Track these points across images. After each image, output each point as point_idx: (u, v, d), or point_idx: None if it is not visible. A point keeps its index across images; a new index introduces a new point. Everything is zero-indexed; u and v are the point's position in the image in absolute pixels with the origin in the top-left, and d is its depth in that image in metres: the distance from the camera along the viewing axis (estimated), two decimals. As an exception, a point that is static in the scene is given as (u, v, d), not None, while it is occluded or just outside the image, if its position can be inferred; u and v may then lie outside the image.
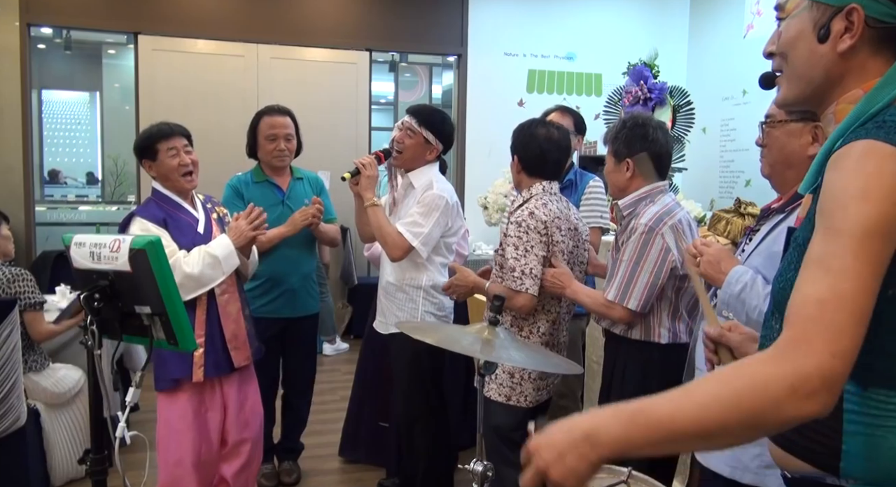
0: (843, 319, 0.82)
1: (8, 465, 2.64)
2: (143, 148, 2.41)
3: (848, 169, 0.87)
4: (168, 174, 2.40)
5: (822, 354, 0.80)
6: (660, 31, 6.03)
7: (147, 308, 1.67)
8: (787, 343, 0.83)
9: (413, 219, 2.50)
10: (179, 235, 2.34)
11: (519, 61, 6.02)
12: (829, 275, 0.84)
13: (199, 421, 2.41)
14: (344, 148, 5.55)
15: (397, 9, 5.80)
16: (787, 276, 1.00)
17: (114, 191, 8.19)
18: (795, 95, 1.05)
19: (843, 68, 0.99)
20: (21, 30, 5.02)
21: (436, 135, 2.58)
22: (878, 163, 0.85)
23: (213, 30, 5.41)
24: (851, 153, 0.88)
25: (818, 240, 0.88)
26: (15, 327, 2.57)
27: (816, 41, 0.99)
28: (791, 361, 0.81)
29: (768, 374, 0.81)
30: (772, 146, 1.61)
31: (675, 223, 2.04)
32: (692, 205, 3.39)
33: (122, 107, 7.96)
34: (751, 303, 1.46)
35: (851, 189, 0.86)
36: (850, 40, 0.97)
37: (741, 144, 5.34)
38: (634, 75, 4.26)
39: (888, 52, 0.97)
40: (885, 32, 0.96)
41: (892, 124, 0.88)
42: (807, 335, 0.82)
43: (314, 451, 3.37)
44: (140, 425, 3.59)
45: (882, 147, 0.86)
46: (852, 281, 0.83)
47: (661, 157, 2.10)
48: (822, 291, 0.83)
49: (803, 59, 1.02)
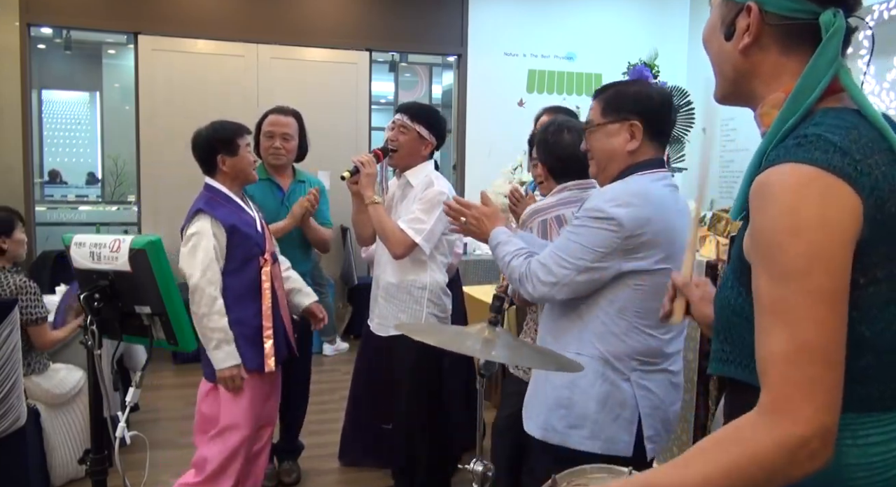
0: (816, 372, 0.80)
1: (8, 465, 2.64)
2: (226, 141, 2.41)
3: (771, 205, 0.84)
4: (245, 168, 2.45)
5: (809, 415, 0.80)
6: (660, 31, 6.03)
7: (147, 308, 1.67)
8: (771, 407, 0.82)
9: (415, 215, 2.49)
10: (246, 237, 2.40)
11: (519, 61, 6.02)
12: (788, 327, 0.82)
13: (257, 411, 2.46)
14: (344, 148, 5.54)
15: (397, 9, 5.80)
16: (724, 294, 0.98)
17: (114, 191, 8.20)
18: (721, 91, 1.04)
19: (751, 66, 0.96)
20: (21, 30, 5.03)
21: (429, 129, 2.59)
22: (798, 193, 0.82)
23: (213, 30, 5.41)
24: (771, 185, 0.84)
25: (764, 285, 0.85)
26: (15, 327, 2.57)
27: (724, 39, 0.98)
28: (782, 428, 0.80)
29: (765, 445, 0.81)
30: (595, 148, 1.74)
31: (549, 218, 2.10)
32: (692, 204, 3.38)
33: (122, 107, 7.97)
34: (499, 255, 1.79)
35: (779, 229, 0.82)
36: (747, 38, 0.94)
37: (741, 144, 5.34)
38: (634, 75, 4.26)
39: (801, 50, 0.92)
40: (792, 29, 0.92)
41: (813, 138, 0.85)
42: (787, 397, 0.81)
43: (314, 451, 3.37)
44: (140, 425, 3.59)
45: (801, 171, 0.82)
46: (814, 328, 0.81)
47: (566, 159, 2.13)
48: (787, 348, 0.81)
49: (715, 56, 1.01)
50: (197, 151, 2.46)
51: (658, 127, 1.71)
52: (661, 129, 1.73)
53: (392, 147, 2.58)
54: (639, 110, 1.69)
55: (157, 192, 5.36)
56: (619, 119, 1.69)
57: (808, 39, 0.91)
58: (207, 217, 2.35)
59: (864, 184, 0.83)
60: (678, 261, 1.59)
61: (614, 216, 1.59)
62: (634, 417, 1.66)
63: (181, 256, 2.35)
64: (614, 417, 1.66)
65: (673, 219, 1.66)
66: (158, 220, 5.32)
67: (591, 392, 1.66)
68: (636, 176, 1.68)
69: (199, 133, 2.47)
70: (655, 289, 1.61)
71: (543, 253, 1.69)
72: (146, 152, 5.35)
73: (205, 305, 2.29)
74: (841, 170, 0.82)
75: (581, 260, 1.61)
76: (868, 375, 0.88)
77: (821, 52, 0.89)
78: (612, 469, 1.30)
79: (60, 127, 8.83)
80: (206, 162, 2.44)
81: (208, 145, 2.42)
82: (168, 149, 5.29)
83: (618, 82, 1.82)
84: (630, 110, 1.69)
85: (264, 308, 2.42)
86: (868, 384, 0.88)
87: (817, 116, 0.89)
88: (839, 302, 0.82)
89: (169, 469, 3.20)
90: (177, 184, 5.21)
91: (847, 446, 0.88)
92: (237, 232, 2.38)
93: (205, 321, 2.30)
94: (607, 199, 1.62)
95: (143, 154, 5.35)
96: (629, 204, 1.60)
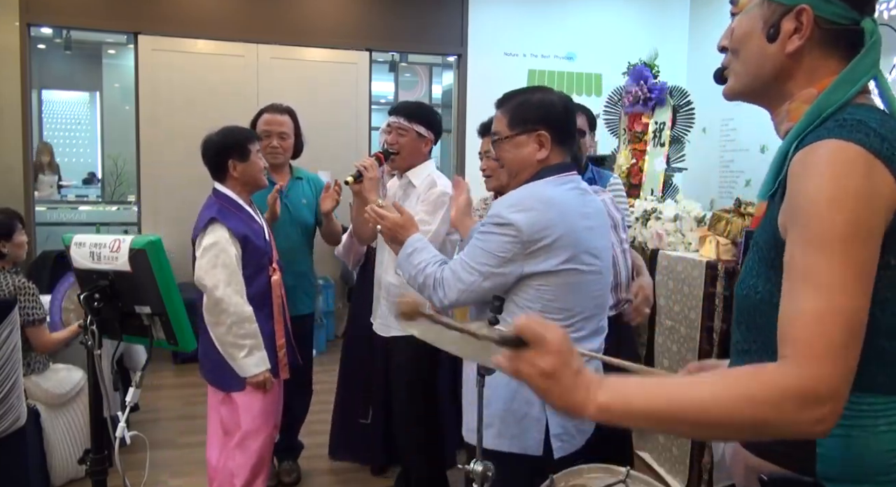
0: (844, 338, 0.81)
1: (8, 465, 2.64)
2: (237, 146, 2.40)
3: (816, 174, 0.86)
4: (256, 174, 2.44)
5: (831, 375, 0.80)
6: (660, 31, 6.03)
7: (147, 308, 1.67)
8: (796, 358, 0.82)
9: (419, 216, 2.49)
10: (257, 248, 2.40)
11: (519, 61, 6.02)
12: (821, 290, 0.82)
13: (273, 413, 2.50)
14: (344, 148, 5.55)
15: (397, 9, 5.80)
16: (748, 283, 0.98)
17: (114, 191, 8.20)
18: (741, 88, 1.04)
19: (792, 68, 0.97)
20: (21, 30, 5.03)
21: (427, 126, 2.58)
22: (845, 165, 0.84)
23: (213, 30, 5.42)
24: (817, 156, 0.87)
25: (798, 253, 0.86)
26: (15, 327, 2.57)
27: (766, 40, 0.98)
28: (803, 378, 0.80)
29: (783, 386, 0.81)
30: (506, 159, 1.79)
31: None
32: (692, 205, 3.38)
33: (122, 107, 7.97)
34: (413, 261, 1.80)
35: (824, 196, 0.84)
36: (798, 41, 0.95)
37: (741, 144, 5.34)
38: (634, 75, 4.26)
39: (838, 54, 0.96)
40: (835, 33, 0.95)
41: (853, 122, 0.87)
42: (814, 351, 0.81)
43: (314, 451, 3.37)
44: (140, 425, 3.60)
45: (846, 146, 0.85)
46: (845, 295, 0.82)
47: None
48: (819, 307, 0.82)
49: (753, 56, 1.01)
50: (207, 156, 2.43)
51: (564, 133, 1.76)
52: (567, 135, 1.78)
53: (393, 150, 2.57)
54: (544, 119, 1.73)
55: (157, 192, 5.36)
56: (527, 130, 1.74)
57: (842, 45, 0.95)
58: (223, 227, 2.32)
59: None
60: (584, 263, 1.68)
61: (513, 222, 1.62)
62: (542, 416, 1.69)
63: (199, 268, 2.31)
64: (521, 416, 1.69)
65: (576, 221, 1.68)
66: (158, 220, 5.33)
67: (500, 392, 1.70)
68: (540, 181, 1.73)
69: (210, 138, 2.44)
70: (559, 291, 1.66)
71: (454, 260, 1.73)
72: (146, 152, 5.35)
73: (233, 314, 2.28)
74: (880, 152, 0.85)
75: (485, 266, 1.65)
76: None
77: (865, 54, 0.94)
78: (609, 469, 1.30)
79: (60, 127, 8.84)
80: (217, 167, 2.42)
81: (219, 150, 2.40)
82: (168, 149, 5.29)
83: (519, 91, 1.85)
84: (536, 120, 1.73)
85: (275, 316, 2.43)
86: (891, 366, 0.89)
87: (851, 108, 0.92)
88: (870, 276, 0.84)
89: (169, 469, 3.21)
90: (177, 184, 5.22)
91: (882, 432, 0.88)
92: (249, 243, 2.37)
93: (234, 329, 2.28)
94: (507, 205, 1.67)
95: (143, 154, 5.35)
96: (529, 209, 1.63)
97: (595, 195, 1.85)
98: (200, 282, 2.31)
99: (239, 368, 2.33)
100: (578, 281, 1.69)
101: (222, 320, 2.28)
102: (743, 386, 0.82)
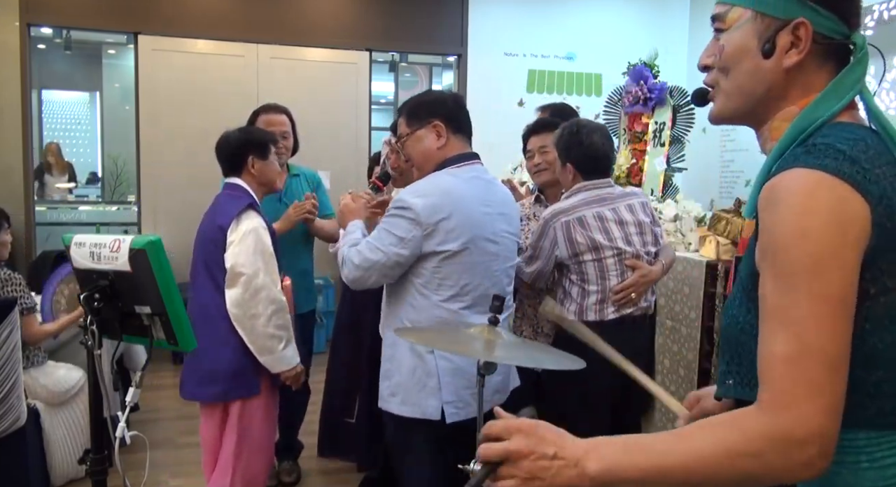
0: (819, 374, 0.79)
1: (8, 465, 2.64)
2: (259, 143, 2.40)
3: (781, 208, 0.83)
4: (271, 176, 2.45)
5: (810, 415, 0.78)
6: (660, 32, 6.03)
7: (147, 308, 1.67)
8: (771, 404, 0.80)
9: None
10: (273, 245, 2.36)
11: (519, 61, 6.02)
12: (791, 330, 0.81)
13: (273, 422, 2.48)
14: (344, 148, 5.55)
15: (397, 9, 5.80)
16: (731, 312, 0.97)
17: (114, 191, 8.20)
18: (732, 110, 1.00)
19: (787, 84, 0.94)
20: (21, 30, 5.03)
21: None
22: (810, 196, 0.82)
23: (213, 30, 5.41)
24: (782, 188, 0.84)
25: (770, 289, 0.84)
26: (15, 327, 2.57)
27: (761, 56, 0.94)
28: (780, 425, 0.79)
29: (762, 437, 0.80)
30: (412, 155, 2.02)
31: (571, 219, 2.25)
32: (692, 205, 3.38)
33: (122, 107, 7.97)
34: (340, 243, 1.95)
35: (789, 230, 0.82)
36: (797, 56, 0.92)
37: (741, 144, 5.34)
38: (634, 75, 4.26)
39: (830, 67, 0.93)
40: (828, 49, 0.93)
41: (822, 147, 0.85)
42: (788, 395, 0.79)
43: (313, 450, 3.37)
44: (140, 425, 3.60)
45: (811, 175, 0.83)
46: (818, 331, 0.79)
47: (595, 159, 2.31)
48: (789, 347, 0.80)
49: (747, 74, 0.96)
50: (225, 151, 2.41)
51: (458, 122, 1.97)
52: (461, 124, 1.98)
53: (393, 174, 2.53)
54: (437, 112, 1.95)
55: (157, 192, 5.36)
56: (423, 124, 1.96)
57: (832, 59, 0.94)
58: (258, 215, 2.29)
59: (873, 192, 0.83)
60: (478, 245, 1.88)
61: (412, 206, 1.82)
62: (438, 385, 1.90)
63: (237, 254, 2.20)
64: (422, 386, 1.90)
65: (473, 207, 1.88)
66: (158, 220, 5.33)
67: (404, 363, 1.92)
68: (442, 171, 1.93)
69: (230, 134, 2.43)
70: (452, 270, 1.86)
71: (362, 242, 1.90)
72: (146, 152, 5.35)
73: (274, 302, 2.22)
74: (850, 177, 0.82)
75: (389, 247, 1.83)
76: (882, 390, 0.86)
77: (851, 68, 0.92)
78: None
79: (60, 127, 8.83)
80: (233, 162, 2.39)
81: (241, 145, 2.39)
82: (168, 149, 5.29)
83: (414, 96, 2.06)
84: (429, 114, 1.95)
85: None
86: (881, 399, 0.86)
87: (826, 129, 0.89)
88: (846, 307, 0.81)
89: (169, 469, 3.21)
90: (177, 184, 5.22)
91: (864, 468, 0.86)
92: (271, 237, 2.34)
93: (275, 319, 2.23)
94: (410, 192, 1.86)
95: (143, 154, 5.35)
96: (427, 195, 1.83)
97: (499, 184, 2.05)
98: (238, 270, 2.19)
99: (278, 361, 2.26)
100: (472, 261, 1.88)
101: (261, 310, 2.20)
102: (722, 440, 0.81)
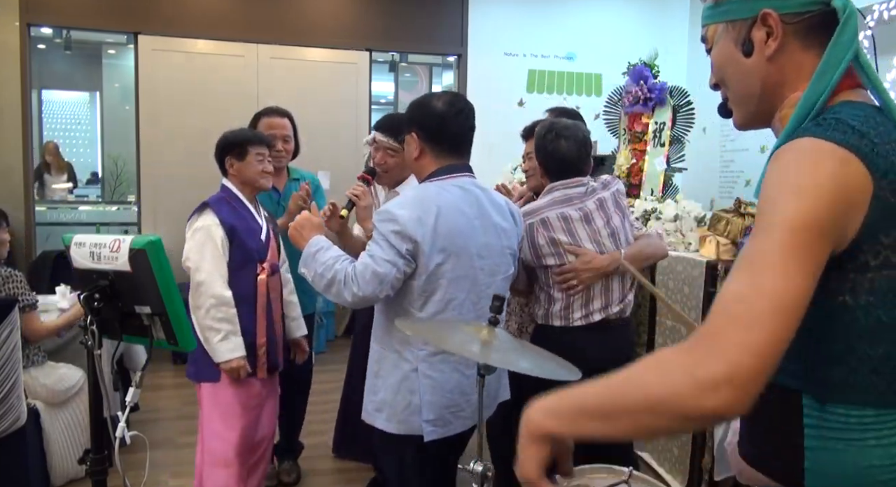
0: (759, 311, 0.76)
1: (8, 465, 2.64)
2: (235, 144, 2.49)
3: (783, 165, 0.85)
4: (251, 176, 2.50)
5: (730, 347, 0.75)
6: (660, 32, 6.03)
7: (147, 308, 1.67)
8: (699, 335, 0.78)
9: None
10: (242, 243, 2.43)
11: (519, 61, 6.02)
12: (752, 271, 0.79)
13: (247, 417, 2.47)
14: (344, 148, 5.55)
15: (397, 9, 5.80)
16: None
17: (114, 191, 8.20)
18: (745, 116, 1.03)
19: (779, 72, 0.96)
20: (21, 30, 5.03)
21: None
22: (814, 160, 0.83)
23: (213, 30, 5.41)
24: (789, 152, 0.86)
25: (750, 239, 0.84)
26: (15, 327, 2.57)
27: (743, 57, 0.97)
28: (697, 353, 0.76)
29: (674, 363, 0.78)
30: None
31: (535, 221, 2.24)
32: (692, 205, 3.38)
33: (122, 107, 7.98)
34: (320, 259, 1.85)
35: (786, 185, 0.83)
36: (774, 44, 0.94)
37: (741, 144, 5.34)
38: (634, 75, 4.25)
39: (818, 41, 0.94)
40: (807, 22, 0.94)
41: (832, 121, 0.86)
42: (718, 327, 0.77)
43: (313, 451, 3.37)
44: (140, 425, 3.59)
45: (820, 143, 0.84)
46: (774, 276, 0.77)
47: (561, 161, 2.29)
48: (742, 286, 0.79)
49: (739, 78, 1.00)
50: (215, 153, 2.55)
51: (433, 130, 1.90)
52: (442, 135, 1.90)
53: (380, 169, 2.55)
54: (412, 121, 1.93)
55: (157, 192, 5.36)
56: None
57: (823, 31, 0.93)
58: (213, 213, 2.40)
59: (879, 165, 0.83)
60: (462, 259, 1.85)
61: (397, 217, 1.79)
62: (420, 403, 1.87)
63: (188, 250, 2.38)
64: (406, 403, 1.88)
65: (454, 218, 1.84)
66: (158, 220, 5.32)
67: (389, 380, 1.90)
68: (425, 183, 1.91)
69: (221, 136, 2.56)
70: (436, 285, 1.83)
71: (361, 257, 1.83)
72: (146, 152, 5.35)
73: (213, 296, 2.33)
74: (857, 149, 0.83)
75: (393, 257, 1.79)
76: (888, 366, 0.86)
77: (840, 32, 0.91)
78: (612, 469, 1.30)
79: (60, 127, 8.83)
80: (220, 164, 2.53)
81: (221, 148, 2.52)
82: (168, 149, 5.29)
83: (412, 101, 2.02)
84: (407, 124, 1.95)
85: (258, 315, 2.44)
86: (887, 375, 0.86)
87: (836, 107, 0.91)
88: (813, 266, 0.80)
89: (169, 469, 3.21)
90: (177, 184, 5.22)
91: (870, 446, 0.86)
92: (236, 235, 2.41)
93: (212, 312, 2.32)
94: (396, 204, 1.84)
95: (143, 154, 5.35)
96: (409, 206, 1.81)
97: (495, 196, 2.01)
98: (186, 264, 2.38)
99: (213, 352, 2.35)
100: (456, 275, 1.84)
101: (201, 303, 2.33)
102: (640, 373, 0.81)
